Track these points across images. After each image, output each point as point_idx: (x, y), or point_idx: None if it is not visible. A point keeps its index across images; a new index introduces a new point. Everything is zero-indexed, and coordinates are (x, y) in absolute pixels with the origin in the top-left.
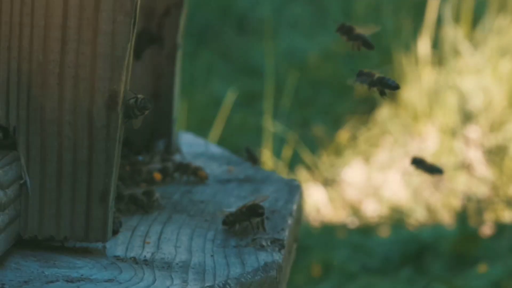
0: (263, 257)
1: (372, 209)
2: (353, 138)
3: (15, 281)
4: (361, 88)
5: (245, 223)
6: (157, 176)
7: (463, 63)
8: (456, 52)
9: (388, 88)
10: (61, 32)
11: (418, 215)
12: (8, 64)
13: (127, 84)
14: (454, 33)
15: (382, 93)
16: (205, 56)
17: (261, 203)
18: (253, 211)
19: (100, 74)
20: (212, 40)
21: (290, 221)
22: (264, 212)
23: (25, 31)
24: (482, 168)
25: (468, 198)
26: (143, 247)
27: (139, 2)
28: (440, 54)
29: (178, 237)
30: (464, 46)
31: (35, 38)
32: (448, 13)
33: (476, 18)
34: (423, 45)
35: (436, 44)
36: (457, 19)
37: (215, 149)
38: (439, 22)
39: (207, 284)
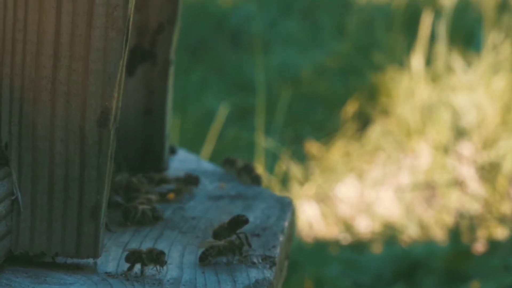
0: (254, 274)
1: (364, 225)
2: (346, 154)
3: None
4: None
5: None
6: (171, 196)
7: (456, 80)
8: (449, 69)
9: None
10: (54, 49)
11: (410, 232)
12: (0, 80)
13: (119, 100)
14: (447, 50)
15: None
16: (199, 70)
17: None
18: (236, 222)
19: (92, 90)
20: (206, 55)
21: (281, 238)
22: (248, 220)
23: (17, 47)
24: (475, 185)
25: (460, 215)
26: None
27: (131, 19)
28: (433, 71)
29: (169, 254)
30: (457, 62)
31: (28, 54)
32: (442, 30)
33: (470, 35)
34: (416, 61)
35: (430, 60)
36: (451, 35)
37: (207, 165)
38: (432, 38)
39: None
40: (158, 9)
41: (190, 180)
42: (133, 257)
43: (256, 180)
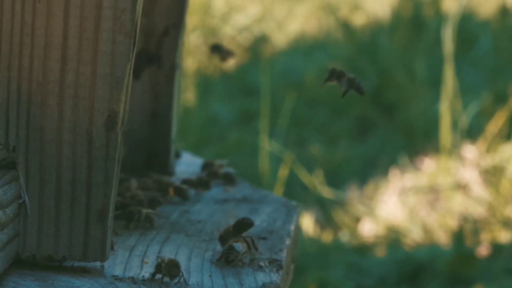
0: (261, 277)
1: (368, 229)
2: (350, 157)
3: None
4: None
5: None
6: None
7: (461, 83)
8: (454, 72)
9: (357, 90)
10: (61, 52)
11: (414, 235)
12: (8, 83)
13: (126, 104)
14: (452, 54)
15: (345, 94)
16: (203, 74)
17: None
18: (241, 225)
19: (99, 94)
20: (209, 58)
21: (288, 241)
22: (253, 223)
23: (25, 51)
24: (479, 189)
25: (464, 219)
26: (142, 267)
27: (139, 23)
28: (437, 74)
29: (176, 257)
30: (462, 64)
31: (35, 58)
32: (446, 32)
33: (474, 40)
34: (421, 64)
35: (434, 64)
36: (455, 40)
37: None
38: (437, 41)
39: None
40: (165, 13)
41: (201, 183)
42: (156, 263)
43: (226, 177)
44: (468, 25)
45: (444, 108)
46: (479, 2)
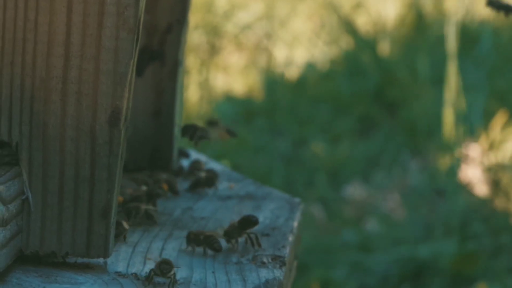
0: (264, 274)
1: (371, 227)
2: (352, 156)
3: None
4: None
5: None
6: (165, 186)
7: (462, 82)
8: (456, 70)
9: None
10: (64, 49)
11: (416, 234)
12: (11, 80)
13: (129, 100)
14: (454, 52)
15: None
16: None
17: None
18: (246, 222)
19: (103, 90)
20: (211, 56)
21: (291, 238)
22: (258, 221)
23: (28, 47)
24: (481, 187)
25: (467, 217)
26: (145, 263)
27: (142, 19)
28: (440, 73)
29: (179, 254)
30: (464, 63)
31: (38, 54)
32: (449, 31)
33: (476, 38)
34: (423, 63)
35: (436, 62)
36: (457, 37)
37: (215, 165)
38: (439, 40)
39: None
40: (168, 9)
41: (207, 182)
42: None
43: (209, 171)
44: (470, 24)
45: (447, 107)
46: (481, 1)
